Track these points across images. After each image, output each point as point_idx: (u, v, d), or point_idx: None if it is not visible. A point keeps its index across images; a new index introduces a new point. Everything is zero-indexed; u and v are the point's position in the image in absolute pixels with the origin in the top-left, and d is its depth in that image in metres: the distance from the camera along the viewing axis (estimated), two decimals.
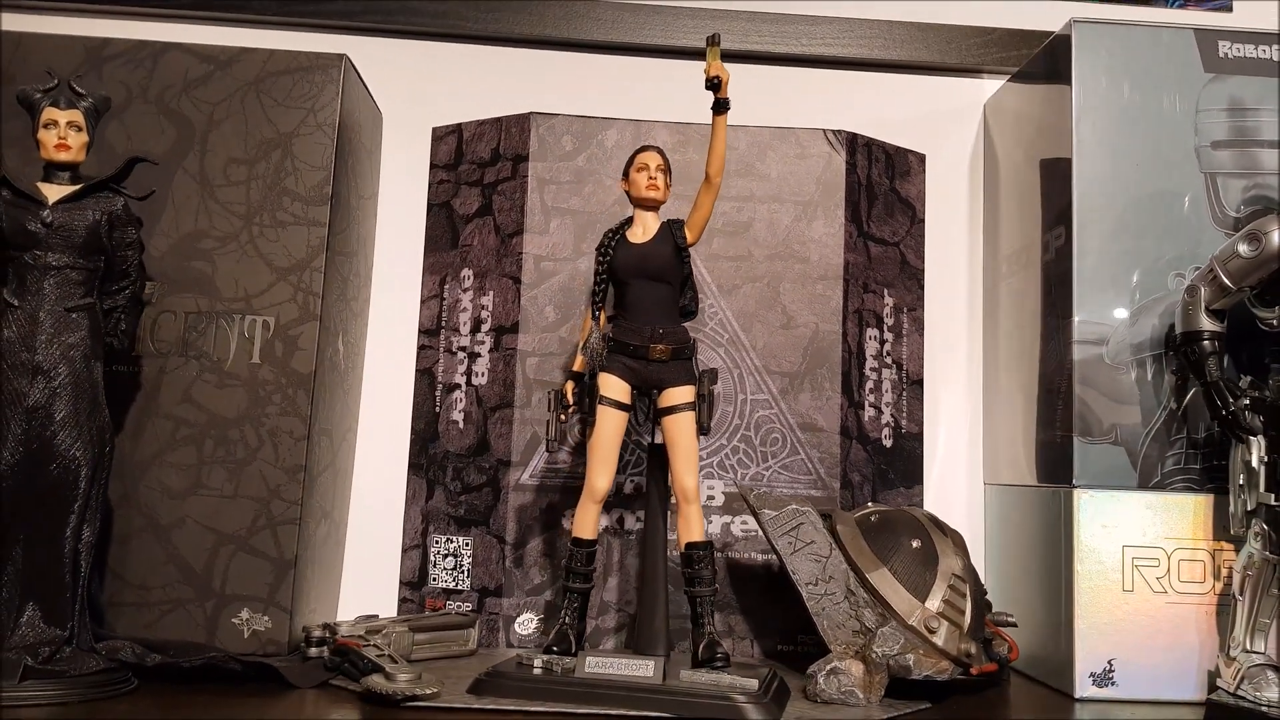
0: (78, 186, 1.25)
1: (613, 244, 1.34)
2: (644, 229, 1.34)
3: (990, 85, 1.77)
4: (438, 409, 1.59)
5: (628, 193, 1.36)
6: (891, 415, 1.61)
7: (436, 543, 1.55)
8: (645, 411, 1.36)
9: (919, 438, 1.65)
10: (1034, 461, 1.53)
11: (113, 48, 1.48)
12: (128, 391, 1.40)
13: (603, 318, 1.34)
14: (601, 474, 1.31)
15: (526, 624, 1.50)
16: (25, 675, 1.14)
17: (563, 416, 1.34)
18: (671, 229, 1.34)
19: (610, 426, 1.32)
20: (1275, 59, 1.48)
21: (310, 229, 1.45)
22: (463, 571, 1.53)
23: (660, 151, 1.36)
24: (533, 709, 1.17)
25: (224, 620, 1.38)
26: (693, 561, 1.31)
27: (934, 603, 1.32)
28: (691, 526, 1.32)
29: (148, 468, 1.39)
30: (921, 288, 1.67)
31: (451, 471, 1.56)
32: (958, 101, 1.79)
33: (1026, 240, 1.58)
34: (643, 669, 1.21)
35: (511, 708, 1.18)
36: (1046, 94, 1.55)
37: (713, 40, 1.32)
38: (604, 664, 1.22)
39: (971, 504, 1.70)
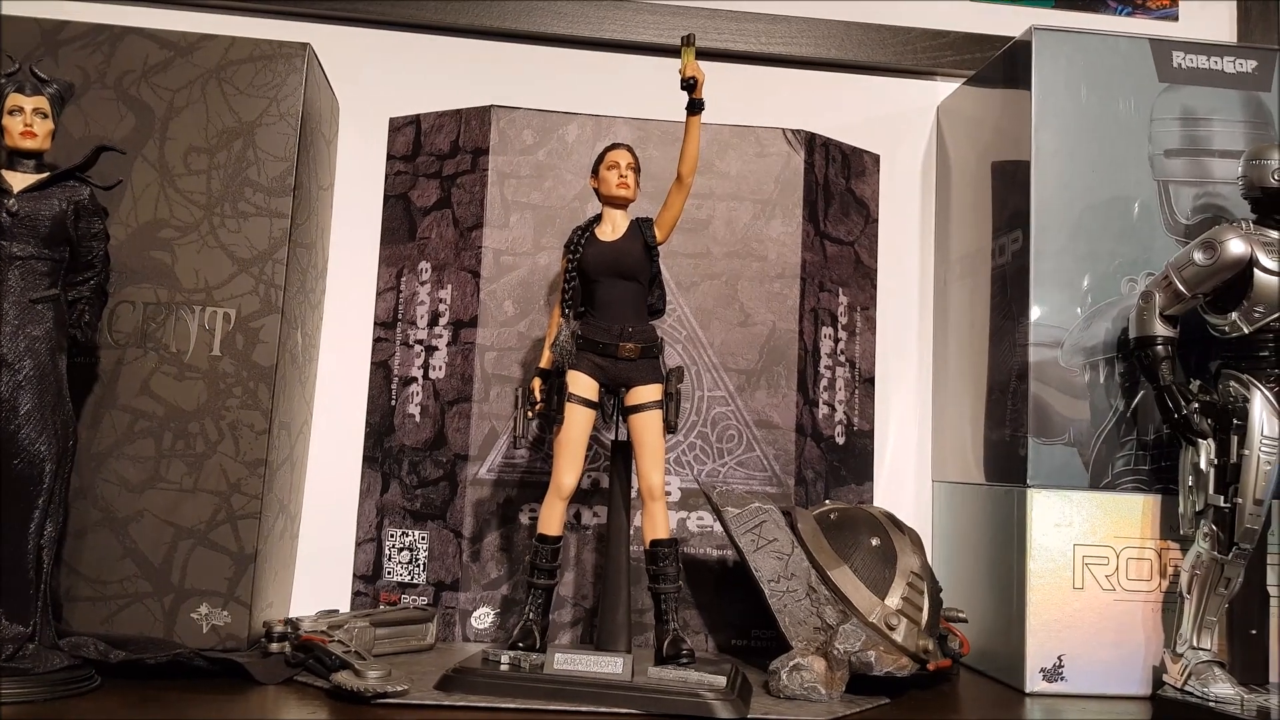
0: (43, 175, 1.26)
1: (582, 241, 1.37)
2: (613, 227, 1.38)
3: (944, 88, 1.85)
4: (393, 402, 1.62)
5: (597, 190, 1.40)
6: (844, 413, 1.68)
7: (392, 536, 1.59)
8: (612, 409, 1.39)
9: (870, 435, 1.72)
10: (982, 460, 1.60)
11: (69, 30, 1.48)
12: (84, 383, 1.41)
13: (558, 318, 1.38)
14: (569, 471, 1.35)
15: (483, 618, 1.54)
16: None
17: (530, 413, 1.38)
18: (641, 227, 1.38)
19: (578, 424, 1.36)
20: (1226, 70, 1.57)
21: (273, 220, 1.47)
22: (418, 565, 1.57)
23: (631, 149, 1.39)
24: (503, 705, 1.21)
25: (182, 615, 1.40)
26: (657, 559, 1.36)
27: (894, 600, 1.38)
28: (657, 524, 1.36)
29: (104, 460, 1.41)
30: (874, 287, 1.74)
31: (407, 465, 1.60)
32: (912, 103, 1.86)
33: (978, 243, 1.65)
34: (611, 666, 1.26)
35: (482, 704, 1.22)
36: (1004, 98, 1.62)
37: (688, 40, 1.35)
38: (572, 660, 1.27)
39: (920, 501, 1.78)
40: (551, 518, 1.37)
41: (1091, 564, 1.46)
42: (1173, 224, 1.53)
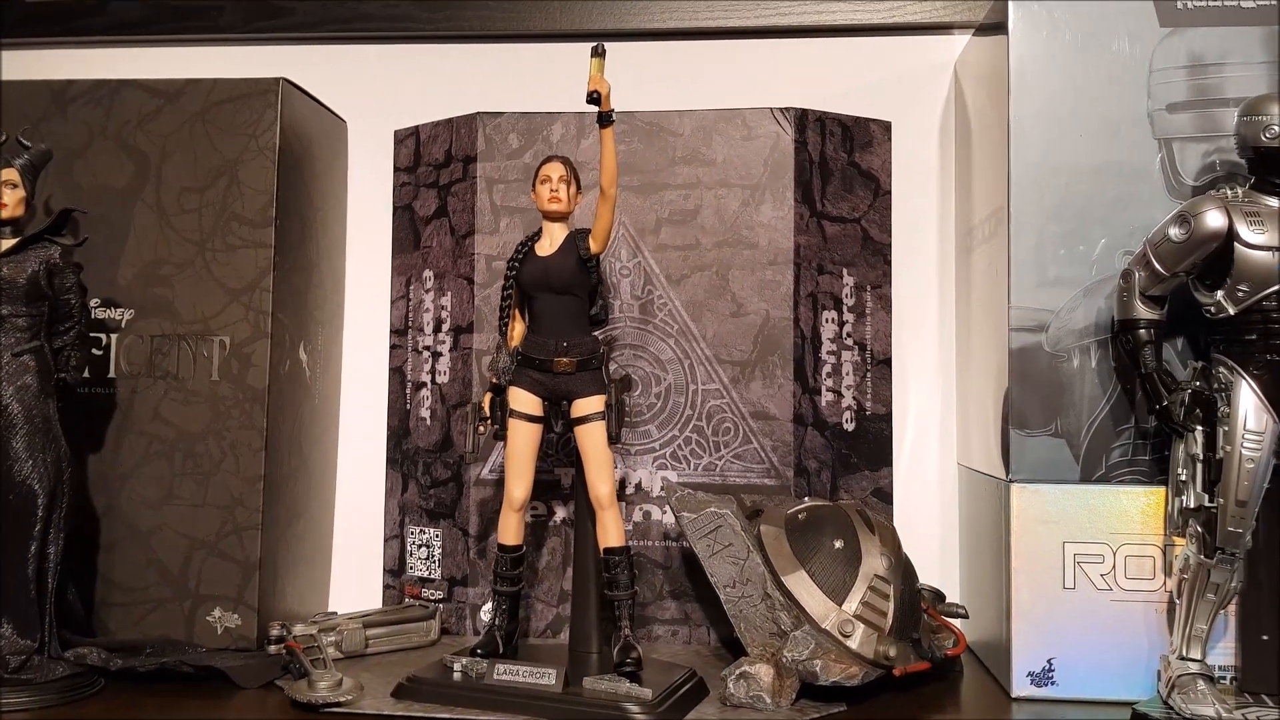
0: (15, 241, 1.45)
1: (520, 257, 1.44)
2: (551, 241, 1.43)
3: (961, 41, 1.76)
4: (408, 406, 1.76)
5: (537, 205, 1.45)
6: (854, 398, 1.66)
7: (412, 534, 1.73)
8: (561, 421, 1.46)
9: (887, 419, 1.69)
10: (999, 447, 1.55)
11: (75, 89, 1.67)
12: (104, 411, 1.62)
13: (518, 330, 1.45)
14: (518, 485, 1.44)
15: (490, 612, 1.65)
16: None
17: (480, 429, 1.47)
18: (576, 240, 1.42)
19: (522, 439, 1.44)
20: (1243, 5, 1.43)
21: (258, 251, 1.62)
22: (434, 561, 1.70)
23: (565, 161, 1.43)
24: (442, 715, 1.33)
25: (200, 618, 1.59)
26: (610, 566, 1.42)
27: (851, 605, 1.39)
28: (608, 532, 1.42)
29: (126, 481, 1.61)
30: (888, 264, 1.70)
31: (421, 466, 1.73)
32: (927, 62, 1.78)
33: (999, 199, 1.55)
34: (545, 678, 1.35)
35: (421, 714, 1.33)
36: (995, 51, 1.52)
37: (596, 51, 1.38)
38: (510, 671, 1.37)
39: (946, 487, 1.75)
40: (508, 528, 1.46)
41: (1084, 562, 1.41)
42: (1177, 186, 1.42)
